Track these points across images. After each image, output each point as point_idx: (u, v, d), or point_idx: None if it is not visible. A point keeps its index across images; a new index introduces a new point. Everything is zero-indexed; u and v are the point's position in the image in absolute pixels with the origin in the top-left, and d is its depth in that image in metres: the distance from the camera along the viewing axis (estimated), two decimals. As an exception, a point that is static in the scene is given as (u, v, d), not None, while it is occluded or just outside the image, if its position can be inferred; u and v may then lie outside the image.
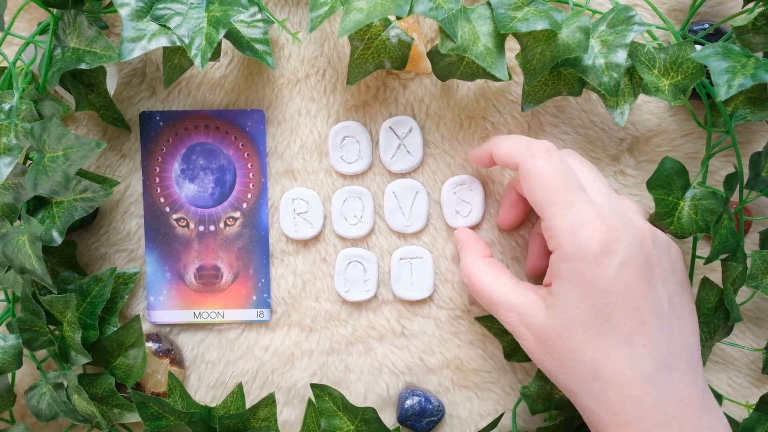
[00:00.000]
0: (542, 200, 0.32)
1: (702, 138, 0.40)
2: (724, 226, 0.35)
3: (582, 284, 0.31)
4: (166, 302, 0.41)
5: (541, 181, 0.32)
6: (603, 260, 0.31)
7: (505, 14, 0.34)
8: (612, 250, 0.31)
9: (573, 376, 0.32)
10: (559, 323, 0.32)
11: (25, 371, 0.41)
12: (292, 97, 0.41)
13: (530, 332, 0.33)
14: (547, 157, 0.33)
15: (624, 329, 0.31)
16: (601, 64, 0.34)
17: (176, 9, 0.34)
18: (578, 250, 0.31)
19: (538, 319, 0.33)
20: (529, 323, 0.33)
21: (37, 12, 0.41)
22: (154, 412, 0.36)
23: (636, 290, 0.31)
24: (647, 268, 0.32)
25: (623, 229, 0.31)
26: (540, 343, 0.33)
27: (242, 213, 0.41)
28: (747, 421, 0.38)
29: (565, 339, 0.32)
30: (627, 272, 0.31)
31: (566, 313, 0.32)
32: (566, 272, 0.32)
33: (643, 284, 0.31)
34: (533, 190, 0.33)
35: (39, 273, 0.34)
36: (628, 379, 0.31)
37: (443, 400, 0.41)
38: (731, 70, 0.32)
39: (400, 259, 0.41)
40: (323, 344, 0.41)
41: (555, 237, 0.32)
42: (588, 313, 0.31)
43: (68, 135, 0.32)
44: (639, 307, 0.31)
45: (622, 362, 0.31)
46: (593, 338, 0.31)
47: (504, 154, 0.35)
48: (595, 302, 0.31)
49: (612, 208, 0.32)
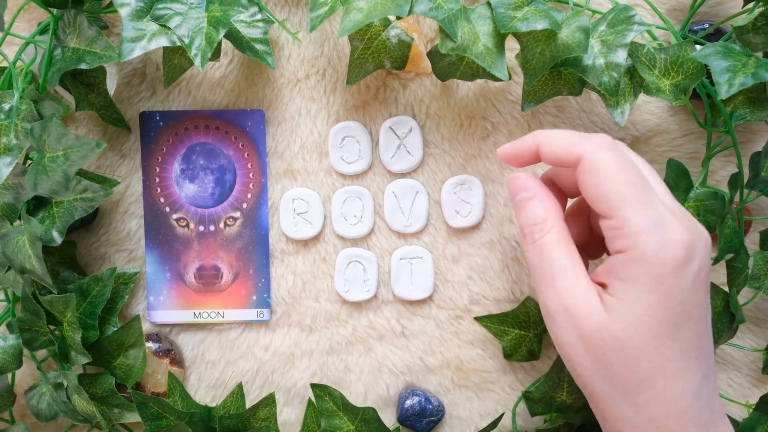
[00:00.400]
0: (612, 195, 0.29)
1: (702, 138, 0.40)
2: (728, 226, 0.35)
3: (658, 291, 0.28)
4: (166, 302, 0.41)
5: (610, 173, 0.29)
6: (683, 267, 0.28)
7: (504, 14, 0.34)
8: (692, 258, 0.29)
9: (618, 383, 0.30)
10: (619, 328, 0.29)
11: (25, 371, 0.41)
12: (292, 97, 0.41)
13: (576, 326, 0.30)
14: (613, 149, 0.30)
15: (686, 341, 0.29)
16: (601, 63, 0.34)
17: (176, 9, 0.34)
18: (661, 256, 0.28)
19: (593, 316, 0.30)
20: (580, 316, 0.30)
21: (37, 12, 0.41)
22: (154, 412, 0.36)
23: (704, 300, 0.30)
24: (708, 278, 0.30)
25: (698, 235, 0.29)
26: (586, 341, 0.30)
27: (242, 213, 0.41)
28: (747, 421, 0.38)
29: (623, 345, 0.29)
30: (699, 283, 0.29)
31: (632, 318, 0.29)
32: (639, 276, 0.29)
33: (707, 295, 0.30)
34: (600, 185, 0.29)
35: (39, 273, 0.34)
36: (679, 392, 0.29)
37: (443, 400, 0.41)
38: (732, 69, 0.32)
39: (400, 259, 0.41)
40: (323, 344, 0.41)
41: (627, 237, 0.29)
42: (657, 321, 0.29)
43: (68, 135, 0.32)
44: (701, 318, 0.30)
45: (677, 375, 0.29)
46: (655, 349, 0.29)
47: (559, 148, 0.31)
48: (668, 312, 0.29)
49: (682, 211, 0.30)
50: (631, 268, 0.29)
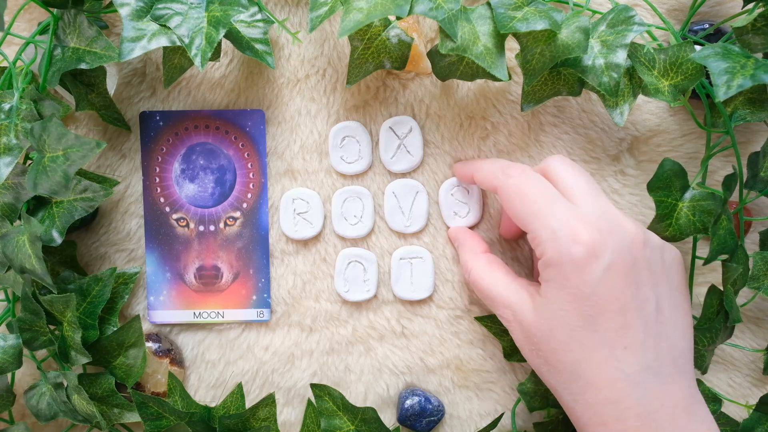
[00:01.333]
0: (522, 213, 0.33)
1: (701, 138, 0.40)
2: (723, 227, 0.35)
3: (566, 288, 0.32)
4: (166, 302, 0.41)
5: (518, 196, 0.34)
6: (587, 265, 0.31)
7: (504, 14, 0.34)
8: (597, 255, 0.31)
9: (556, 375, 0.33)
10: (544, 323, 0.33)
11: (25, 371, 0.41)
12: (292, 97, 0.41)
13: (520, 328, 0.34)
14: (521, 174, 0.34)
15: (607, 332, 0.31)
16: (601, 64, 0.34)
17: (176, 9, 0.34)
18: (561, 256, 0.32)
19: (526, 317, 0.34)
20: (519, 320, 0.34)
21: (37, 12, 0.41)
22: (154, 412, 0.36)
23: (621, 293, 0.31)
24: (634, 271, 0.32)
25: (610, 233, 0.32)
26: (528, 339, 0.34)
27: (242, 213, 0.41)
28: (747, 421, 0.38)
29: (549, 339, 0.33)
30: (612, 276, 0.31)
31: (551, 314, 0.32)
32: (551, 277, 0.32)
33: (629, 287, 0.32)
34: (513, 207, 0.34)
35: (39, 273, 0.34)
36: (607, 380, 0.31)
37: (443, 400, 0.41)
38: (730, 71, 0.32)
39: (400, 259, 0.41)
40: (323, 344, 0.41)
41: (539, 245, 0.33)
42: (571, 315, 0.32)
43: (68, 135, 0.32)
44: (623, 309, 0.31)
45: (602, 364, 0.31)
46: (575, 340, 0.32)
47: (483, 178, 0.37)
48: (578, 305, 0.32)
49: (600, 212, 0.33)
50: (546, 271, 0.33)
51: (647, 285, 0.32)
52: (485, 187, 0.37)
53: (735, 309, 0.35)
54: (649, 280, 0.32)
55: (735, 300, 0.36)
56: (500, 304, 0.35)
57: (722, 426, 0.38)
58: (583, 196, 0.33)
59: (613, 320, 0.31)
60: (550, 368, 0.33)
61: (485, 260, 0.38)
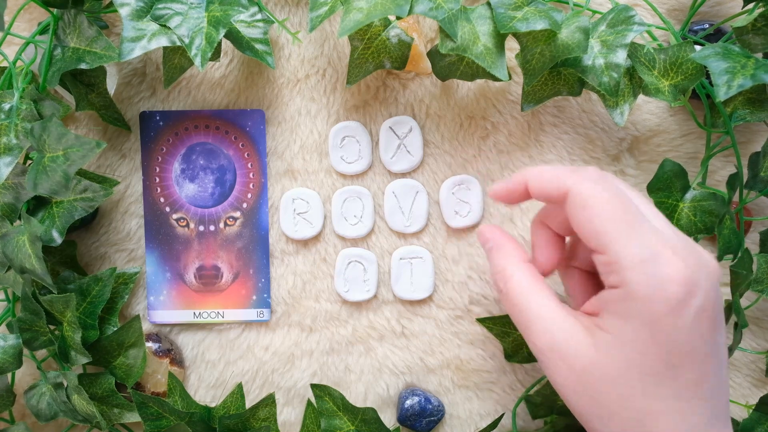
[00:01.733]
0: (601, 230, 0.28)
1: (702, 138, 0.40)
2: (727, 227, 0.35)
3: (652, 330, 0.27)
4: (166, 302, 0.41)
5: (597, 208, 0.28)
6: (683, 307, 0.27)
7: (504, 14, 0.34)
8: (692, 295, 0.27)
9: (613, 423, 0.28)
10: (610, 363, 0.28)
11: (25, 371, 0.41)
12: (292, 97, 0.41)
13: (566, 365, 0.29)
14: (601, 181, 0.29)
15: (686, 381, 0.27)
16: (601, 64, 0.34)
17: (176, 9, 0.34)
18: (655, 293, 0.27)
19: (582, 353, 0.28)
20: (567, 355, 0.29)
21: (37, 12, 0.41)
22: (154, 412, 0.36)
23: (708, 340, 0.27)
24: (719, 315, 0.28)
25: (700, 270, 0.27)
26: (577, 379, 0.29)
27: (242, 213, 0.41)
28: (747, 421, 0.38)
29: (615, 383, 0.28)
30: (702, 321, 0.27)
31: (623, 355, 0.27)
32: (632, 313, 0.27)
33: (713, 334, 0.28)
34: (588, 220, 0.28)
35: (39, 273, 0.34)
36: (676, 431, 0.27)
37: (443, 400, 0.41)
38: (731, 71, 0.32)
39: (400, 259, 0.41)
40: (323, 344, 0.41)
41: (621, 271, 0.27)
42: (651, 360, 0.27)
43: (68, 135, 0.32)
44: (705, 359, 0.28)
45: (677, 417, 0.27)
46: (650, 387, 0.27)
47: (546, 183, 0.30)
48: (662, 352, 0.27)
49: (683, 241, 0.28)
50: (624, 305, 0.27)
51: (720, 329, 0.28)
52: (546, 193, 0.30)
53: (741, 315, 0.35)
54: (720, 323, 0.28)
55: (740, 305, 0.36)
56: (540, 329, 0.30)
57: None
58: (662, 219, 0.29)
59: (695, 371, 0.27)
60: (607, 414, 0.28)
61: (530, 272, 0.32)
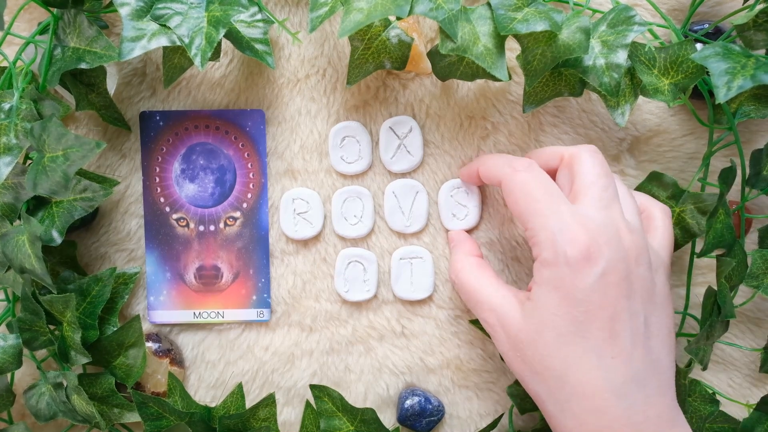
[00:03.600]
0: (524, 210, 0.33)
1: (702, 138, 0.40)
2: (720, 221, 0.35)
3: (560, 290, 0.31)
4: (166, 302, 0.41)
5: (522, 192, 0.33)
6: (582, 268, 0.31)
7: (505, 15, 0.34)
8: (592, 260, 0.31)
9: (541, 382, 0.32)
10: (532, 327, 0.32)
11: (25, 371, 0.41)
12: (292, 97, 0.41)
13: (505, 333, 0.34)
14: (528, 170, 0.34)
15: (596, 339, 0.31)
16: (602, 64, 0.34)
17: (176, 9, 0.34)
18: (557, 257, 0.31)
19: (513, 322, 0.33)
20: (505, 324, 0.34)
21: (37, 12, 0.41)
22: (154, 412, 0.36)
23: (613, 302, 0.31)
24: (627, 283, 0.32)
25: (607, 243, 0.31)
26: (513, 345, 0.33)
27: (242, 213, 0.41)
28: (747, 421, 0.38)
29: (536, 344, 0.32)
30: (606, 283, 0.31)
31: (541, 318, 0.32)
32: (545, 278, 0.32)
33: (621, 298, 0.31)
34: (515, 203, 0.34)
35: (39, 273, 0.34)
36: (595, 389, 0.31)
37: (443, 400, 0.41)
38: (731, 72, 0.32)
39: (400, 259, 0.41)
40: (323, 344, 0.41)
41: (537, 245, 0.33)
42: (562, 319, 0.31)
43: (68, 135, 0.32)
44: (613, 318, 0.31)
45: (590, 372, 0.31)
46: (565, 345, 0.31)
47: (488, 171, 0.36)
48: (570, 309, 0.31)
49: (603, 220, 0.32)
50: (540, 272, 0.32)
51: (637, 300, 0.32)
52: (489, 180, 0.37)
53: (729, 304, 0.35)
54: (640, 295, 0.32)
55: (729, 295, 0.36)
56: (485, 306, 0.35)
57: (722, 425, 0.38)
58: (593, 200, 0.33)
59: (603, 328, 0.31)
60: (536, 375, 0.33)
61: (475, 262, 0.37)
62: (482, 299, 0.35)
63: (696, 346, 0.35)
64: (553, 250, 0.32)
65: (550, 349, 0.32)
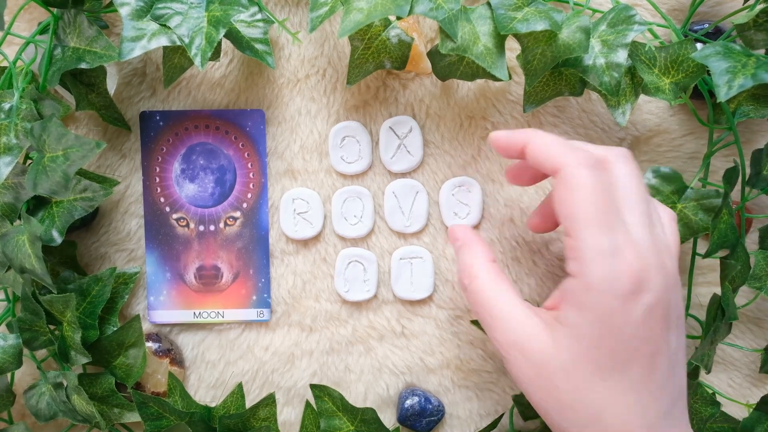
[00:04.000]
0: (576, 216, 0.28)
1: (702, 138, 0.40)
2: (724, 221, 0.35)
3: (605, 324, 0.28)
4: (166, 302, 0.41)
5: (581, 194, 0.28)
6: (632, 300, 0.28)
7: (505, 15, 0.34)
8: (643, 290, 0.28)
9: (569, 416, 0.29)
10: (566, 357, 0.29)
11: (25, 371, 0.41)
12: (292, 97, 0.41)
13: (526, 359, 0.30)
14: (594, 167, 0.29)
15: (636, 375, 0.29)
16: (602, 64, 0.34)
17: (176, 8, 0.34)
18: (610, 286, 0.28)
19: (540, 347, 0.29)
20: (527, 348, 0.30)
21: (37, 11, 0.41)
22: (154, 412, 0.36)
23: (657, 338, 0.29)
24: (668, 314, 0.29)
25: (656, 271, 0.28)
26: (536, 373, 0.30)
27: (242, 213, 0.41)
28: (747, 421, 0.38)
29: (570, 376, 0.29)
30: (652, 317, 0.28)
31: (579, 348, 0.29)
32: (588, 304, 0.28)
33: (663, 331, 0.29)
34: (568, 203, 0.29)
35: (39, 273, 0.34)
36: (632, 427, 0.28)
37: (443, 400, 0.41)
38: (731, 71, 0.32)
39: (400, 259, 0.41)
40: (323, 344, 0.41)
41: (582, 261, 0.28)
42: (604, 353, 0.28)
43: (68, 135, 0.32)
44: (655, 354, 0.29)
45: (629, 410, 0.29)
46: (603, 380, 0.28)
47: (541, 154, 0.31)
48: (615, 345, 0.28)
49: (650, 243, 0.29)
50: (581, 296, 0.29)
51: (673, 330, 0.30)
52: (538, 164, 0.31)
53: (732, 306, 0.35)
54: (675, 325, 0.30)
55: (732, 298, 0.36)
56: (502, 326, 0.31)
57: (722, 425, 0.38)
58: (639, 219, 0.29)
59: (644, 365, 0.29)
60: (563, 408, 0.29)
61: (494, 271, 0.33)
62: (501, 316, 0.31)
63: (701, 353, 0.35)
64: (603, 274, 0.28)
65: (587, 382, 0.29)
